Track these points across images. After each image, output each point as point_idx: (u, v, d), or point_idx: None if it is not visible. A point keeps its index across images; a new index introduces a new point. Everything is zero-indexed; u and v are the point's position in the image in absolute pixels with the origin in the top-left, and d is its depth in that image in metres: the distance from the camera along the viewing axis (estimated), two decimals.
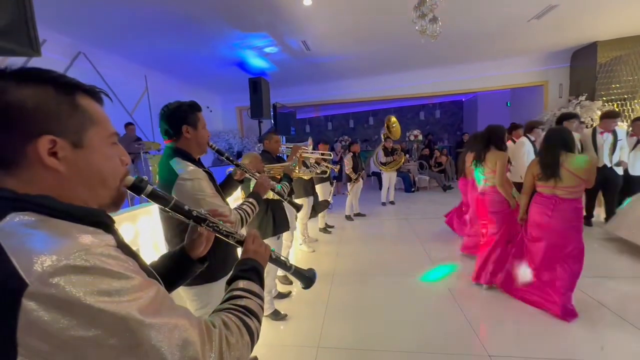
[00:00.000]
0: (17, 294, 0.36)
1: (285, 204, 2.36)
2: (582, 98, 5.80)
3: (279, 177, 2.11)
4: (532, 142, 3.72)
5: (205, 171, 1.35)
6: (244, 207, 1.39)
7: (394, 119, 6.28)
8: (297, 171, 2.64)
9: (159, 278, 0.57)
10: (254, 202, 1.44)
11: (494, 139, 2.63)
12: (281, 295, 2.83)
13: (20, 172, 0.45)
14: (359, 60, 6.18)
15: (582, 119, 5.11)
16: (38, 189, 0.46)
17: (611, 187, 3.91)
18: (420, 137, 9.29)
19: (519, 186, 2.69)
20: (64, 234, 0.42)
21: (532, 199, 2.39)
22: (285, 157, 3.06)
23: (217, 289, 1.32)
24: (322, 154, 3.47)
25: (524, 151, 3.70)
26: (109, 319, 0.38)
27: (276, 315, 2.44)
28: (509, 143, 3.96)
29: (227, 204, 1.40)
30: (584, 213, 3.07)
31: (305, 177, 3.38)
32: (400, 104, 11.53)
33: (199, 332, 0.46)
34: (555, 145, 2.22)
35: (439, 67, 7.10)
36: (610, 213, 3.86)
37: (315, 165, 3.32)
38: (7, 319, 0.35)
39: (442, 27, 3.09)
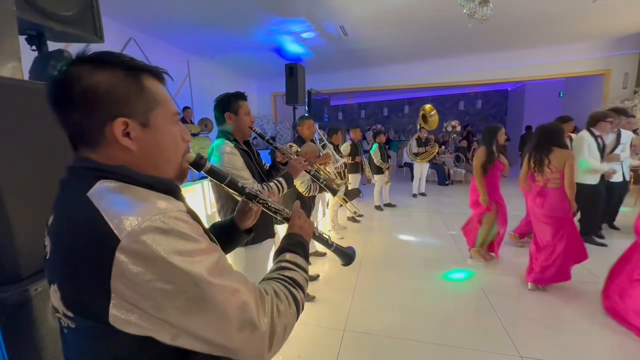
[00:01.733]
0: (112, 248, 0.42)
1: (320, 198, 2.40)
2: None
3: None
4: (596, 137, 3.25)
5: (244, 150, 1.52)
6: (271, 184, 1.48)
7: (428, 107, 6.03)
8: (338, 196, 2.66)
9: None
10: (283, 181, 1.51)
11: (555, 139, 2.43)
12: (309, 278, 2.91)
13: (101, 149, 0.51)
14: (398, 46, 5.95)
15: (633, 113, 4.45)
16: (115, 163, 0.51)
17: None
18: (459, 128, 8.85)
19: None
20: (144, 198, 0.48)
21: None
22: (317, 141, 3.08)
23: (251, 253, 1.55)
24: (339, 173, 3.46)
25: (585, 148, 3.24)
26: (183, 275, 0.44)
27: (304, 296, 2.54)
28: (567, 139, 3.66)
29: (259, 180, 1.54)
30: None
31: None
32: (439, 92, 10.99)
33: (255, 298, 0.50)
34: None
35: (484, 53, 6.63)
36: None
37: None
38: (104, 268, 0.42)
39: (494, 9, 2.88)
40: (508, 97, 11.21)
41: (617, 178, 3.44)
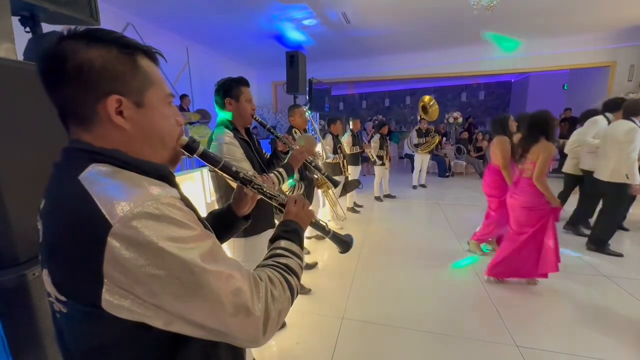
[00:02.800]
0: (104, 233, 0.41)
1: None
2: None
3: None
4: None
5: (245, 140, 1.49)
6: (271, 175, 1.45)
7: (427, 97, 5.98)
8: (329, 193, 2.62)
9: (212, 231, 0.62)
10: (283, 172, 1.49)
11: (549, 130, 2.27)
12: (308, 267, 2.93)
13: (93, 128, 0.50)
14: (401, 35, 5.84)
15: None
16: (109, 144, 0.50)
17: None
18: (460, 120, 8.77)
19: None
20: (137, 184, 0.47)
21: None
22: (311, 131, 3.08)
23: (250, 244, 1.53)
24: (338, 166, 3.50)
25: (638, 140, 2.80)
26: (176, 262, 0.43)
27: (300, 289, 2.54)
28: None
29: (260, 170, 1.52)
30: None
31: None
32: (441, 83, 10.86)
33: (249, 284, 0.50)
34: None
35: (488, 43, 6.51)
36: None
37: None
38: (96, 253, 0.41)
39: None
40: (511, 89, 11.09)
41: None
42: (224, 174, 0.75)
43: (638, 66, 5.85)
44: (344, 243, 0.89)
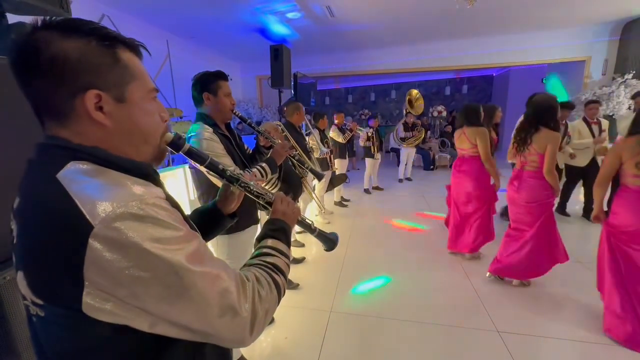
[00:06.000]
0: (85, 235, 0.39)
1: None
2: (629, 76, 5.31)
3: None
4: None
5: (225, 135, 1.46)
6: (254, 170, 1.43)
7: (414, 91, 6.05)
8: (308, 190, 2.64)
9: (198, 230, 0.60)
10: (267, 167, 1.47)
11: (546, 117, 2.12)
12: (296, 261, 2.94)
13: (70, 124, 0.47)
14: (386, 30, 5.85)
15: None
16: (89, 141, 0.48)
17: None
18: (444, 114, 8.93)
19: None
20: (119, 183, 0.45)
21: (617, 193, 1.85)
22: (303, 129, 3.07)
23: (234, 241, 1.51)
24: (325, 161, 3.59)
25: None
26: (161, 263, 0.42)
27: (289, 284, 2.55)
28: None
29: (243, 166, 1.49)
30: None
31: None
32: (425, 77, 10.97)
33: (236, 284, 0.50)
34: None
35: (470, 38, 6.61)
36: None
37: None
38: (76, 255, 0.39)
39: None
40: (493, 83, 11.33)
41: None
42: (210, 172, 0.73)
43: (611, 61, 6.07)
44: (329, 241, 0.90)
